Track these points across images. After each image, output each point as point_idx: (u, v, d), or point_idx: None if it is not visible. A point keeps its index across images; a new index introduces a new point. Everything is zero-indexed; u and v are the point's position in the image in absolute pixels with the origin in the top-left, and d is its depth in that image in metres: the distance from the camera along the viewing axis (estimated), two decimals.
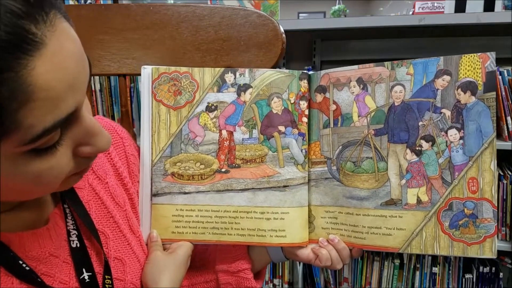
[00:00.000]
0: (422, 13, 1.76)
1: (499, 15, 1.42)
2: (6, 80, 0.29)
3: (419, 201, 0.59)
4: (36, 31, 0.30)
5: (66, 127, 0.36)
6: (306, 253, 0.65)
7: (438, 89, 0.58)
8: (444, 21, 1.47)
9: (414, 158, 0.59)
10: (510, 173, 1.46)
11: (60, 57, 0.32)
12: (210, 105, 0.64)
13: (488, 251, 0.57)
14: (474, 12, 1.49)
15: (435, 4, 1.74)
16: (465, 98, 0.56)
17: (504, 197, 1.46)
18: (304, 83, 0.64)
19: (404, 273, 1.60)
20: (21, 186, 0.36)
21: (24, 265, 0.43)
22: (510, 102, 1.40)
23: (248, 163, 0.64)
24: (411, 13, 2.10)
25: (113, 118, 1.65)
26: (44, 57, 0.31)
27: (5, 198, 0.39)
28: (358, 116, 0.62)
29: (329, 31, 1.73)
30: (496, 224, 0.57)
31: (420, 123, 0.59)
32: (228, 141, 0.64)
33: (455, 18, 1.48)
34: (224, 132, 0.64)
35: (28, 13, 0.30)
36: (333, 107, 0.63)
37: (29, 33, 0.30)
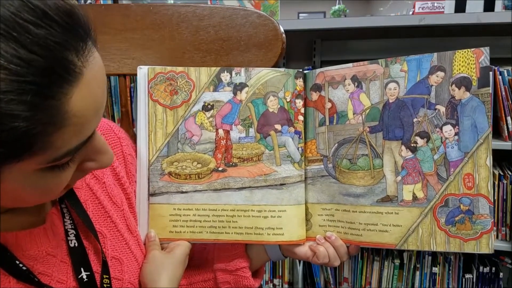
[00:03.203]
0: (422, 13, 1.76)
1: (499, 15, 1.42)
2: (48, 107, 0.30)
3: (414, 197, 0.59)
4: (78, 62, 0.32)
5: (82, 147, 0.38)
6: (303, 250, 0.65)
7: (432, 85, 0.58)
8: (444, 21, 1.47)
9: (409, 154, 0.59)
10: (510, 173, 1.45)
11: (92, 86, 0.34)
12: (206, 104, 0.64)
13: (485, 247, 0.57)
14: (474, 12, 1.49)
15: (435, 4, 1.74)
16: (460, 94, 0.56)
17: (504, 197, 1.45)
18: (300, 82, 0.64)
19: (404, 273, 1.60)
20: (26, 196, 0.38)
21: (21, 265, 0.43)
22: (510, 102, 1.39)
23: (245, 162, 0.65)
24: (411, 13, 2.10)
25: (113, 118, 1.65)
26: (80, 86, 0.33)
27: (5, 206, 0.40)
28: (353, 114, 0.62)
29: (329, 31, 1.73)
30: (492, 220, 0.56)
31: (414, 120, 0.59)
32: (224, 140, 0.65)
33: (455, 18, 1.48)
34: (220, 131, 0.64)
35: (72, 44, 0.32)
36: (329, 105, 0.63)
37: (72, 64, 0.32)
